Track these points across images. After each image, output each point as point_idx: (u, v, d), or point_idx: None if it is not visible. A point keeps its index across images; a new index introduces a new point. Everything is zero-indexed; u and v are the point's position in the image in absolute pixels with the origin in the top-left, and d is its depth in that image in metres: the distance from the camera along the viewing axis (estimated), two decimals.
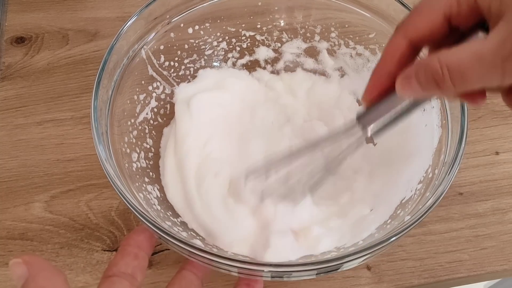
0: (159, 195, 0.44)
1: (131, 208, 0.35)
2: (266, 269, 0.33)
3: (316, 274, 0.34)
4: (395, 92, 0.31)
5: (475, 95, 0.29)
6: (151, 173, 0.46)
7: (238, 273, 0.35)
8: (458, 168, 0.37)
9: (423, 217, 0.35)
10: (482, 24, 0.28)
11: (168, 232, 0.33)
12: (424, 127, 0.43)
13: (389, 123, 0.34)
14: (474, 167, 0.50)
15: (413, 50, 0.31)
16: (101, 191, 0.49)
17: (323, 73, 0.53)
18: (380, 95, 0.32)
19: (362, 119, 0.34)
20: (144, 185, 0.43)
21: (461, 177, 0.50)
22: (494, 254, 0.45)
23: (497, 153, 0.51)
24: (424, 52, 0.32)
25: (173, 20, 0.48)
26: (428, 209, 0.35)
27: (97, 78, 0.40)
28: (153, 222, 0.34)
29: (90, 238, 0.47)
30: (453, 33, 0.29)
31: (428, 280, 0.44)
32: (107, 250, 0.46)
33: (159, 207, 0.43)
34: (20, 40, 0.60)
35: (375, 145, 0.48)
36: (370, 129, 0.34)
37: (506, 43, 0.25)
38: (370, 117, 0.34)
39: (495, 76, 0.26)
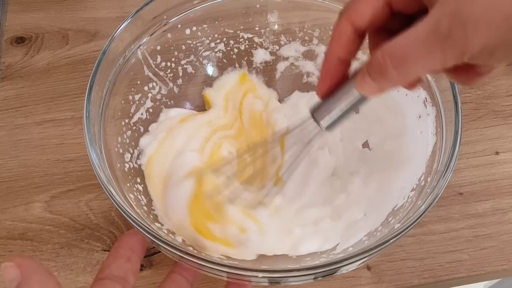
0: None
1: (124, 214, 0.35)
2: (260, 274, 0.33)
3: (314, 278, 0.34)
4: (347, 82, 0.31)
5: (466, 72, 0.29)
6: (144, 173, 0.46)
7: (228, 277, 0.35)
8: (450, 176, 0.36)
9: (418, 221, 0.35)
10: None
11: (160, 238, 0.33)
12: (419, 134, 0.43)
13: (343, 114, 0.33)
14: (474, 167, 0.50)
15: (359, 34, 0.31)
16: (101, 191, 0.49)
17: None
18: (333, 84, 0.32)
19: (316, 112, 0.34)
20: (136, 186, 0.43)
21: (461, 177, 0.50)
22: (494, 254, 0.45)
23: (497, 153, 0.51)
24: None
25: (170, 21, 0.48)
26: (420, 216, 0.35)
27: (89, 83, 0.40)
28: (145, 228, 0.34)
29: (90, 238, 0.47)
30: (397, 18, 0.30)
31: (428, 280, 0.44)
32: (107, 250, 0.46)
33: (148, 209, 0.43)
34: (20, 40, 0.60)
35: (370, 149, 0.48)
36: (324, 122, 0.33)
37: (442, 23, 0.24)
38: (324, 109, 0.33)
39: (436, 58, 0.25)
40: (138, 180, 0.44)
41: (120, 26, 0.44)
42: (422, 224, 0.47)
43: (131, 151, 0.45)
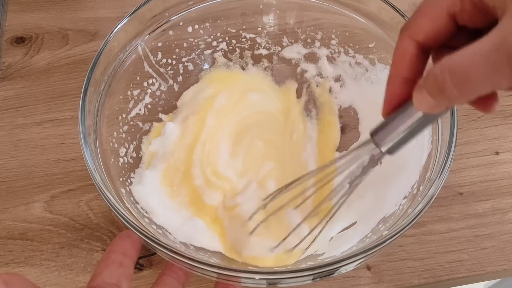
0: None
1: (120, 217, 0.35)
2: (257, 276, 0.33)
3: (312, 279, 0.34)
4: (410, 104, 0.29)
5: (486, 100, 0.27)
6: (138, 169, 0.46)
7: (217, 278, 0.35)
8: (441, 185, 0.36)
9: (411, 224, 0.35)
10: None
11: (154, 239, 0.33)
12: (415, 142, 0.42)
13: (403, 137, 0.31)
14: (474, 167, 0.50)
15: (423, 51, 0.29)
16: None
17: None
18: (398, 104, 0.30)
19: (376, 135, 0.32)
20: (129, 180, 0.44)
21: (461, 177, 0.50)
22: (494, 254, 0.45)
23: (497, 153, 0.51)
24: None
25: (171, 19, 0.48)
26: (416, 217, 0.35)
27: (86, 79, 0.40)
28: (140, 229, 0.34)
29: (90, 238, 0.47)
30: (464, 33, 0.28)
31: (428, 280, 0.44)
32: None
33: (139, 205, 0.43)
34: (20, 40, 0.60)
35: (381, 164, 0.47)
36: (385, 145, 0.32)
37: (509, 38, 0.22)
38: (384, 132, 0.32)
39: (502, 76, 0.23)
40: (132, 175, 0.44)
41: (119, 24, 0.44)
42: (422, 224, 0.47)
43: (127, 146, 0.46)
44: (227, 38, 0.52)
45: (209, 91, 0.51)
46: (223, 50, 0.53)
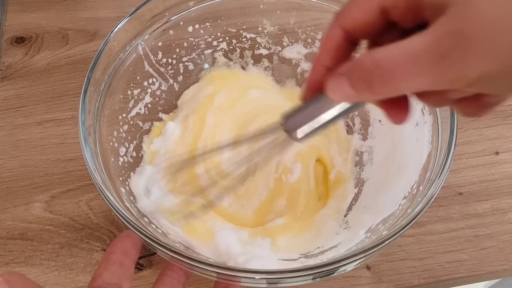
0: None
1: (121, 217, 0.35)
2: (257, 276, 0.33)
3: (312, 278, 0.34)
4: (323, 94, 0.27)
5: (400, 111, 0.27)
6: (138, 168, 0.46)
7: (217, 277, 0.35)
8: (441, 185, 0.36)
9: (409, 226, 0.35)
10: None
11: (155, 239, 0.33)
12: (415, 142, 0.42)
13: (318, 127, 0.29)
14: (474, 167, 0.50)
15: (350, 43, 0.28)
16: None
17: None
18: (316, 92, 0.28)
19: (288, 121, 0.30)
20: (129, 180, 0.44)
21: (461, 177, 0.50)
22: (494, 254, 0.45)
23: (497, 153, 0.51)
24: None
25: (172, 18, 0.48)
26: (416, 216, 0.35)
27: (86, 77, 0.40)
28: (140, 229, 0.34)
29: (90, 238, 0.47)
30: (394, 29, 0.26)
31: (428, 280, 0.44)
32: None
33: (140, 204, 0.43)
34: (20, 40, 0.60)
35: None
36: (299, 132, 0.29)
37: (443, 41, 0.21)
38: (297, 119, 0.30)
39: (425, 78, 0.22)
40: (132, 174, 0.45)
41: (119, 24, 0.44)
42: (422, 224, 0.47)
43: (127, 145, 0.46)
44: (227, 38, 0.52)
45: (209, 89, 0.51)
46: (223, 50, 0.53)
